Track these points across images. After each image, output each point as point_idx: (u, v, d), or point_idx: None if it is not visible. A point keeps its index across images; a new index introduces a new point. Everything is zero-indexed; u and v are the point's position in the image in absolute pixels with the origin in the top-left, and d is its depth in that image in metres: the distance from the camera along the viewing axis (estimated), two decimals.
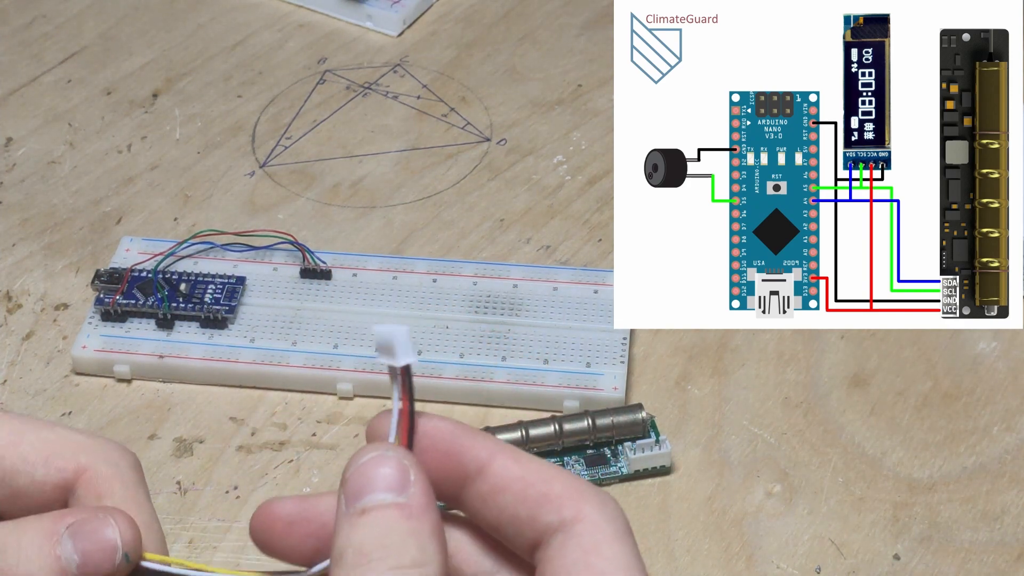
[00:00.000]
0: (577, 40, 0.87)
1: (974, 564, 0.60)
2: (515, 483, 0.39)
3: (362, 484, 0.38)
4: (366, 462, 0.38)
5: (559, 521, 0.38)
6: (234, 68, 0.85)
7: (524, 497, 0.38)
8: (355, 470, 0.38)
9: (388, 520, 0.37)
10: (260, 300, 0.70)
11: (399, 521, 0.37)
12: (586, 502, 0.38)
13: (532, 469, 0.39)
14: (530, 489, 0.38)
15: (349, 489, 0.38)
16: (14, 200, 0.77)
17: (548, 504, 0.38)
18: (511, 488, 0.39)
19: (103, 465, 0.42)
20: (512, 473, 0.39)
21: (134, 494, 0.41)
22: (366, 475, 0.38)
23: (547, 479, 0.38)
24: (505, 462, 0.39)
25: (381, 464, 0.38)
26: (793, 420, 0.66)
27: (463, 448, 0.39)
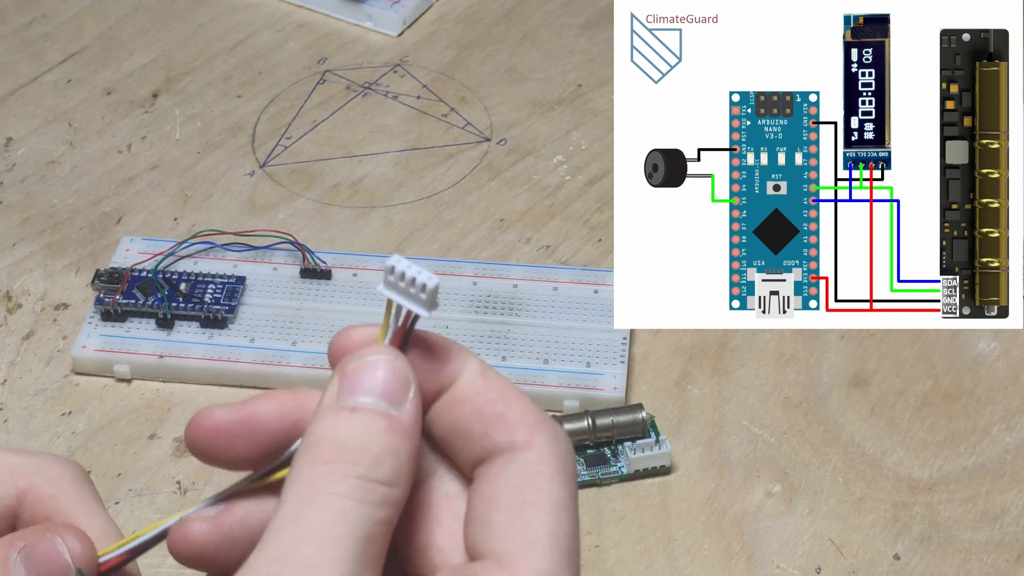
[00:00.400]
0: (577, 40, 0.87)
1: (974, 564, 0.60)
2: (476, 397, 0.38)
3: (362, 381, 0.37)
4: (371, 361, 0.37)
5: (509, 443, 0.37)
6: (234, 68, 0.85)
7: (481, 413, 0.38)
8: (359, 364, 0.37)
9: (376, 427, 0.36)
10: (260, 300, 0.70)
11: (386, 433, 0.36)
12: (540, 432, 0.37)
13: (495, 387, 0.38)
14: (489, 406, 0.38)
15: (347, 381, 0.37)
16: (14, 200, 0.77)
17: (503, 425, 0.38)
18: (471, 401, 0.38)
19: (44, 484, 0.41)
20: (475, 387, 0.38)
21: (82, 507, 0.41)
22: (369, 374, 0.37)
23: (508, 400, 0.38)
24: (471, 376, 0.38)
25: (385, 369, 0.37)
26: (793, 420, 0.66)
27: (444, 360, 0.38)
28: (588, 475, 0.63)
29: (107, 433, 0.65)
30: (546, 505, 0.37)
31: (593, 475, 0.63)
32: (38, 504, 0.40)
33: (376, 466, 0.36)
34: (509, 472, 0.37)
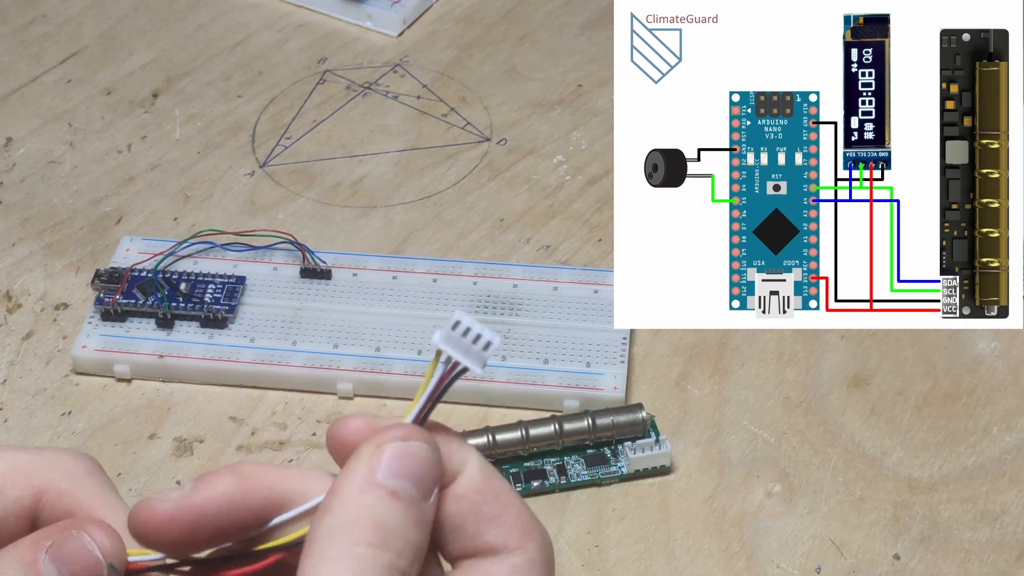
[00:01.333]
0: (577, 40, 0.87)
1: (974, 564, 0.60)
2: (475, 495, 0.38)
3: (404, 466, 0.37)
4: (413, 448, 0.38)
5: (502, 545, 0.38)
6: (234, 68, 0.85)
7: (478, 512, 0.38)
8: (402, 449, 0.38)
9: (411, 518, 0.37)
10: (260, 300, 0.70)
11: (416, 526, 0.37)
12: (532, 539, 0.38)
13: (493, 487, 0.39)
14: (486, 507, 0.38)
15: (389, 462, 0.37)
16: (14, 200, 0.77)
17: (499, 527, 0.38)
18: (469, 499, 0.38)
19: (60, 480, 0.40)
20: (475, 485, 0.39)
21: (101, 499, 0.40)
22: (411, 460, 0.38)
23: (505, 502, 0.38)
24: (473, 473, 0.39)
25: (426, 460, 0.38)
26: (793, 420, 0.66)
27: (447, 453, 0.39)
28: (588, 475, 0.63)
29: (107, 433, 0.65)
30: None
31: (593, 475, 0.63)
32: (56, 502, 0.40)
33: (412, 562, 0.37)
34: (498, 572, 0.38)
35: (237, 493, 0.38)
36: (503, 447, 0.63)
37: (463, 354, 0.39)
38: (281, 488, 0.38)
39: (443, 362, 0.39)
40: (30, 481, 0.40)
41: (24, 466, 0.40)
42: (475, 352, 0.39)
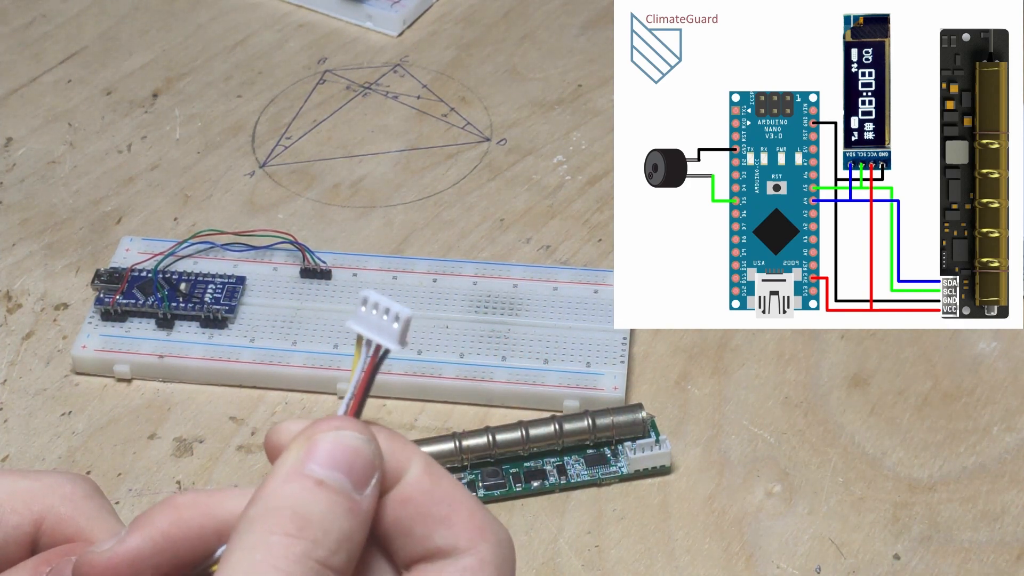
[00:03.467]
0: (577, 40, 0.87)
1: (974, 564, 0.60)
2: (421, 497, 0.37)
3: (332, 455, 0.36)
4: (344, 437, 0.37)
5: (451, 548, 0.37)
6: (234, 68, 0.85)
7: (426, 514, 0.37)
8: (332, 437, 0.37)
9: (339, 508, 0.36)
10: (260, 300, 0.70)
11: (347, 516, 0.36)
12: (484, 539, 0.37)
13: (441, 488, 0.37)
14: (434, 508, 0.37)
15: (316, 451, 0.36)
16: (14, 200, 0.77)
17: (447, 528, 0.37)
18: (416, 501, 0.37)
19: (60, 506, 0.40)
20: (421, 487, 0.37)
21: (101, 524, 0.40)
22: (340, 450, 0.37)
23: (454, 502, 0.37)
24: (417, 474, 0.37)
25: (357, 450, 0.37)
26: (793, 420, 0.66)
27: (388, 452, 0.38)
28: (588, 475, 0.63)
29: (107, 433, 0.65)
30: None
31: (593, 475, 0.63)
32: (56, 527, 0.39)
33: (334, 551, 0.35)
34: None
35: (172, 528, 0.37)
36: (503, 447, 0.63)
37: (379, 333, 0.38)
38: (220, 512, 0.38)
39: (364, 346, 0.38)
40: (29, 507, 0.39)
41: (23, 492, 0.40)
42: (390, 329, 0.38)
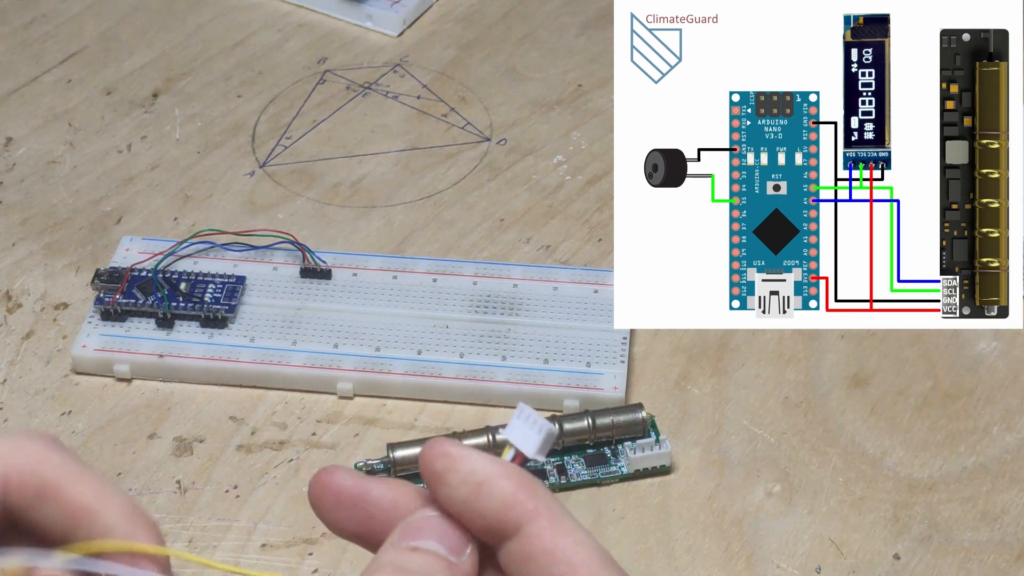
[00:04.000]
0: (577, 40, 0.87)
1: (974, 564, 0.60)
2: (542, 556, 0.36)
3: (422, 528, 0.37)
4: (430, 515, 0.37)
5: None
6: (234, 68, 0.85)
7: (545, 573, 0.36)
8: (419, 517, 0.37)
9: (437, 566, 0.36)
10: (260, 300, 0.70)
11: (444, 570, 0.36)
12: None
13: (562, 545, 0.36)
14: (555, 567, 0.36)
15: (408, 529, 0.37)
16: (14, 200, 0.77)
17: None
18: (537, 560, 0.36)
19: (23, 462, 0.38)
20: (543, 544, 0.36)
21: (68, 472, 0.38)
22: (429, 524, 0.37)
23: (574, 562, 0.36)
24: (540, 528, 0.36)
25: (445, 522, 0.37)
26: (793, 420, 0.66)
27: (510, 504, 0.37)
28: (588, 475, 0.63)
29: (107, 433, 0.65)
30: None
31: (593, 475, 0.63)
32: (23, 484, 0.38)
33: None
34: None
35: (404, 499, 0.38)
36: (503, 447, 0.63)
37: (523, 442, 0.39)
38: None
39: (511, 450, 0.39)
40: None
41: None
42: (534, 439, 0.39)
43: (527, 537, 0.36)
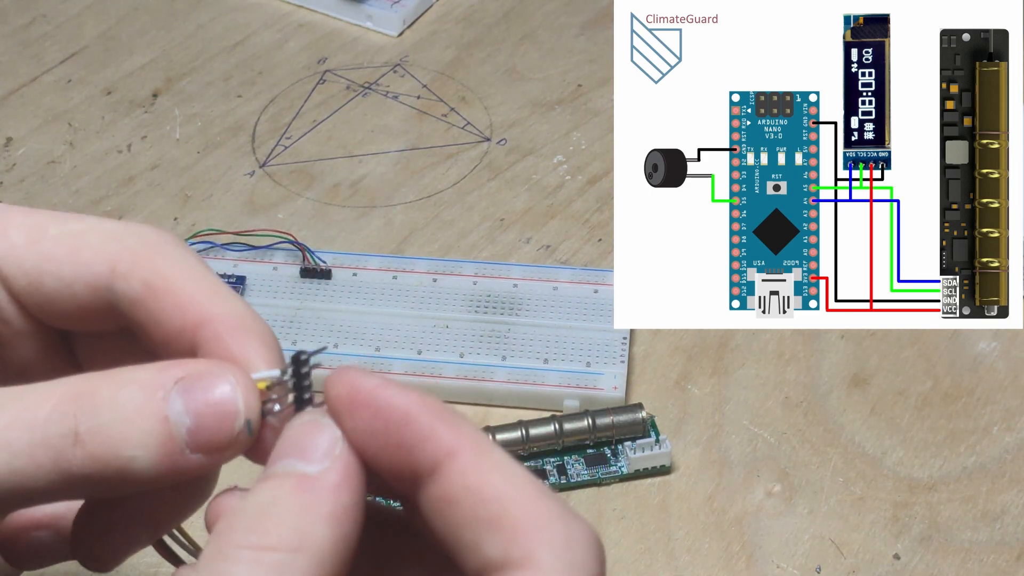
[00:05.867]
0: (577, 40, 0.87)
1: (974, 564, 0.60)
2: (466, 496, 0.31)
3: (282, 448, 0.32)
4: (298, 426, 0.33)
5: (502, 560, 0.30)
6: (234, 68, 0.85)
7: (473, 517, 0.31)
8: (283, 434, 0.33)
9: (278, 490, 0.31)
10: (260, 300, 0.70)
11: (289, 493, 0.31)
12: (543, 543, 0.30)
13: (492, 481, 0.31)
14: (481, 508, 0.31)
15: (273, 453, 0.32)
16: (14, 200, 0.77)
17: (497, 533, 0.30)
18: (461, 502, 0.31)
19: (138, 247, 0.34)
20: (466, 482, 0.31)
21: (185, 269, 0.34)
22: (290, 440, 0.32)
23: (504, 498, 0.31)
24: (463, 465, 0.31)
25: (309, 431, 0.32)
26: (793, 420, 0.66)
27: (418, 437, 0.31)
28: (588, 475, 0.63)
29: None
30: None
31: (593, 475, 0.63)
32: (132, 270, 0.34)
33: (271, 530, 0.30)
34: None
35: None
36: (503, 446, 0.63)
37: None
38: None
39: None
40: (104, 247, 0.35)
41: (99, 230, 0.35)
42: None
43: (448, 476, 0.31)
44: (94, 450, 0.32)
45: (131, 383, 0.32)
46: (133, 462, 0.32)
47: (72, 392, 0.32)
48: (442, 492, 0.31)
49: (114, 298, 0.35)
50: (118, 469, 0.32)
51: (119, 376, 0.33)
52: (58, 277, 0.35)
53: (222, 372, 0.33)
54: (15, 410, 0.32)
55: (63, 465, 0.32)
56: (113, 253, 0.35)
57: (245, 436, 0.32)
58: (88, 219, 0.35)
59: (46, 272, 0.35)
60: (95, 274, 0.35)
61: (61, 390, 0.32)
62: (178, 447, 0.32)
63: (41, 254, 0.35)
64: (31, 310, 0.36)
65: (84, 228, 0.35)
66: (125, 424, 0.32)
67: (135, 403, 0.32)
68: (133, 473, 0.32)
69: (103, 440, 0.32)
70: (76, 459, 0.32)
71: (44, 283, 0.35)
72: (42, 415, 0.32)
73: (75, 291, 0.35)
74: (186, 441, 0.32)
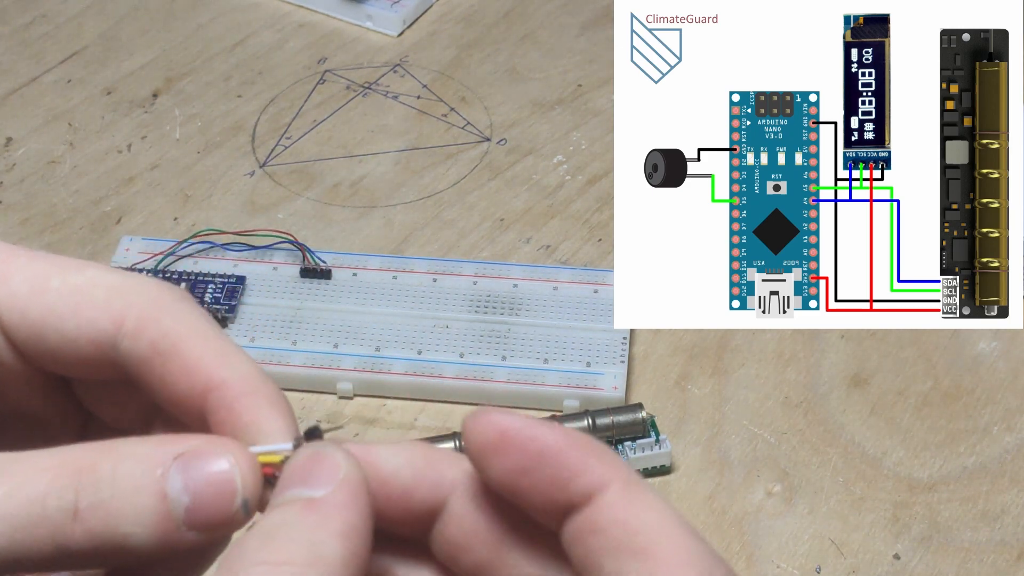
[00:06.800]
0: (577, 40, 0.87)
1: (974, 564, 0.60)
2: (613, 527, 0.31)
3: (285, 481, 0.33)
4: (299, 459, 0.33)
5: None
6: (234, 68, 0.85)
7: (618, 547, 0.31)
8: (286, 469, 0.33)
9: (285, 514, 0.32)
10: (260, 300, 0.70)
11: (297, 515, 0.31)
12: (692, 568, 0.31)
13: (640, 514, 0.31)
14: (628, 540, 0.31)
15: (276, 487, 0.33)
16: (14, 200, 0.77)
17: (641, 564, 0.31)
18: (608, 532, 0.31)
19: (145, 306, 0.34)
20: (615, 514, 0.31)
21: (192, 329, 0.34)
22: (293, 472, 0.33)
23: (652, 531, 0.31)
24: (613, 498, 0.32)
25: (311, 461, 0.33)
26: (793, 420, 0.66)
27: (572, 472, 0.32)
28: None
29: None
30: None
31: None
32: (138, 329, 0.34)
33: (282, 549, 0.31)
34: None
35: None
36: None
37: None
38: None
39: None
40: (109, 304, 0.34)
41: (104, 286, 0.34)
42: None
43: (597, 507, 0.31)
44: (93, 526, 0.32)
45: (130, 458, 0.32)
46: (130, 538, 0.32)
47: (72, 465, 0.32)
48: (589, 522, 0.32)
49: (119, 356, 0.35)
50: (115, 545, 0.32)
51: (118, 450, 0.33)
52: (61, 332, 0.34)
53: (221, 450, 0.33)
54: (14, 481, 0.32)
55: (60, 539, 0.32)
56: (118, 311, 0.34)
57: (242, 515, 0.33)
58: (90, 270, 0.35)
59: (49, 326, 0.34)
60: (99, 331, 0.34)
61: (59, 461, 0.32)
62: (175, 524, 0.32)
63: (44, 307, 0.34)
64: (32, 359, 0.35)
65: (87, 282, 0.35)
66: (123, 501, 0.32)
67: (133, 479, 0.32)
68: (129, 549, 0.32)
69: (102, 516, 0.32)
70: (75, 535, 0.32)
71: (47, 336, 0.34)
72: (41, 488, 0.32)
73: (79, 346, 0.35)
74: (183, 519, 0.32)
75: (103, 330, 0.34)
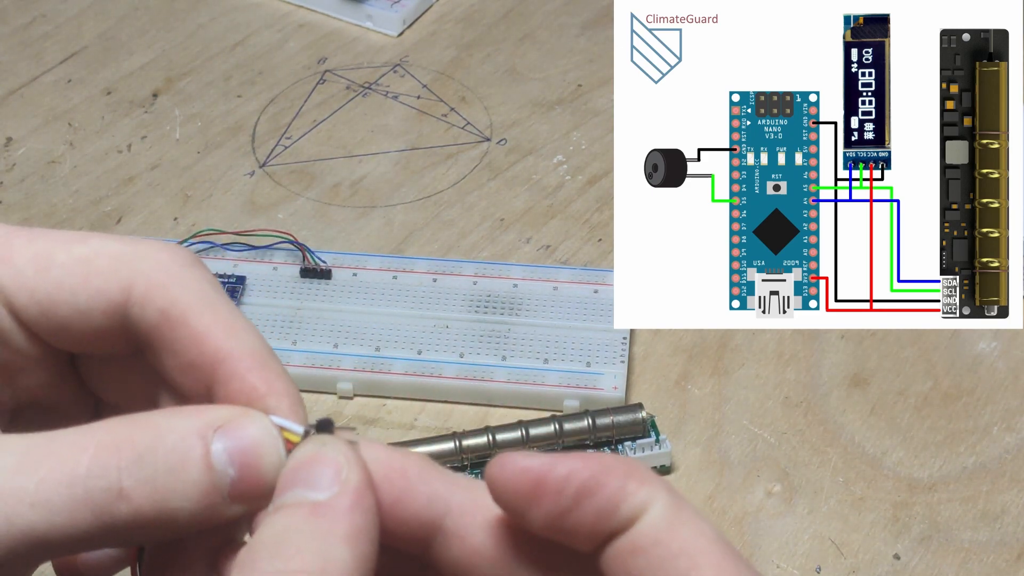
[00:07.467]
0: (577, 40, 0.87)
1: (974, 564, 0.60)
2: (655, 549, 0.32)
3: (287, 480, 0.33)
4: (301, 457, 0.33)
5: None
6: (234, 68, 0.85)
7: (659, 568, 0.31)
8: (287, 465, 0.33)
9: (291, 519, 0.32)
10: (260, 300, 0.70)
11: (303, 521, 0.31)
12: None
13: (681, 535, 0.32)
14: (670, 561, 0.31)
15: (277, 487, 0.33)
16: (14, 200, 0.77)
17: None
18: (649, 554, 0.32)
19: (153, 272, 0.34)
20: (657, 536, 0.32)
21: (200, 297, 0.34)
22: (295, 471, 0.33)
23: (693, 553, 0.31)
24: (654, 519, 0.32)
25: (313, 461, 0.33)
26: (793, 420, 0.66)
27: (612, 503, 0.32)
28: None
29: None
30: None
31: None
32: (147, 296, 0.34)
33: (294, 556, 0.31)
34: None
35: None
36: (503, 447, 0.63)
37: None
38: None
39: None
40: (117, 271, 0.34)
41: (112, 254, 0.34)
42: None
43: (638, 529, 0.32)
44: (140, 504, 0.32)
45: (171, 432, 0.32)
46: (178, 513, 0.32)
47: (110, 442, 0.32)
48: (630, 544, 0.32)
49: (129, 323, 0.35)
50: (163, 521, 0.32)
51: (157, 424, 0.32)
52: (72, 305, 0.34)
53: (257, 421, 0.33)
54: (50, 464, 0.31)
55: (106, 520, 0.31)
56: (126, 278, 0.34)
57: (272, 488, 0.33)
58: (93, 240, 0.35)
59: (59, 301, 0.34)
60: (109, 301, 0.34)
61: (96, 439, 0.32)
62: (220, 497, 0.32)
63: (52, 282, 0.34)
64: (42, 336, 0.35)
65: (92, 252, 0.35)
66: (171, 476, 0.32)
67: (179, 454, 0.32)
68: (175, 524, 0.32)
69: (149, 493, 0.31)
70: (121, 513, 0.31)
71: (57, 311, 0.34)
72: (81, 470, 0.31)
73: (90, 317, 0.34)
74: (228, 491, 0.32)
75: (112, 299, 0.34)
